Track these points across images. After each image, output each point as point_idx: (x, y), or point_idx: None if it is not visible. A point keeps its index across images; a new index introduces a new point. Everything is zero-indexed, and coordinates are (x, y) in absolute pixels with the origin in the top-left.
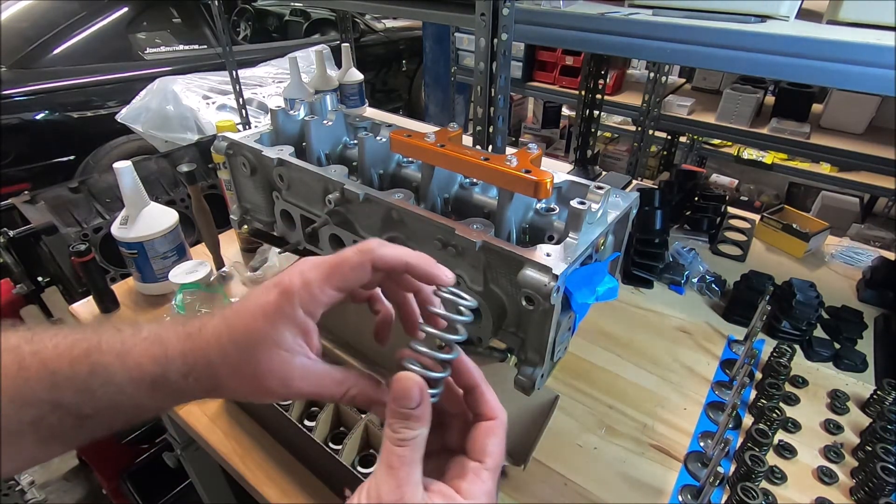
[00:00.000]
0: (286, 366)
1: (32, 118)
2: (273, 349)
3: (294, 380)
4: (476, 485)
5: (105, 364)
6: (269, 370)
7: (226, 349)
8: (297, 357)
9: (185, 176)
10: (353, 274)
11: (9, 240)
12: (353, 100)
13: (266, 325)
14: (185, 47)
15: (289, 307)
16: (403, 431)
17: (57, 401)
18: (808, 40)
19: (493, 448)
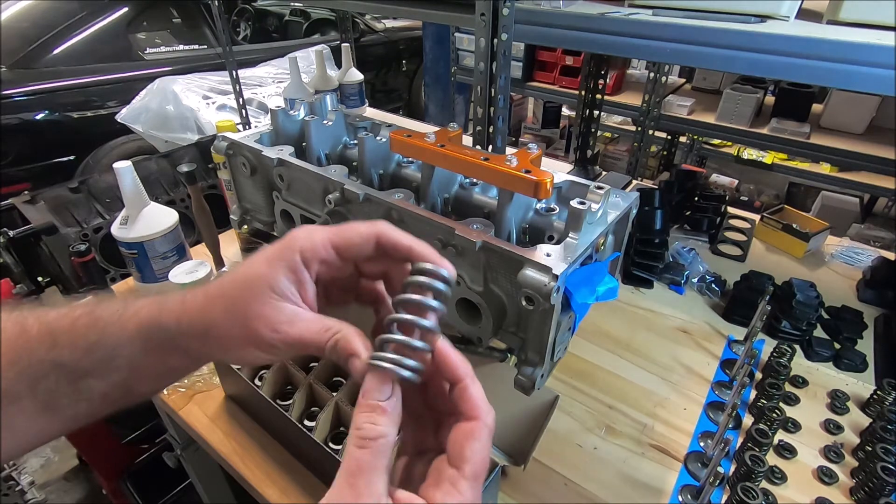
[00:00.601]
0: (276, 311)
1: (32, 118)
2: (267, 292)
3: (281, 324)
4: (451, 496)
5: (104, 318)
6: (260, 313)
7: (224, 289)
8: (287, 304)
9: (185, 176)
10: (358, 241)
11: (9, 240)
12: (353, 100)
13: (265, 267)
14: (185, 47)
15: (289, 253)
16: (367, 426)
17: (55, 360)
18: (808, 40)
19: (472, 453)
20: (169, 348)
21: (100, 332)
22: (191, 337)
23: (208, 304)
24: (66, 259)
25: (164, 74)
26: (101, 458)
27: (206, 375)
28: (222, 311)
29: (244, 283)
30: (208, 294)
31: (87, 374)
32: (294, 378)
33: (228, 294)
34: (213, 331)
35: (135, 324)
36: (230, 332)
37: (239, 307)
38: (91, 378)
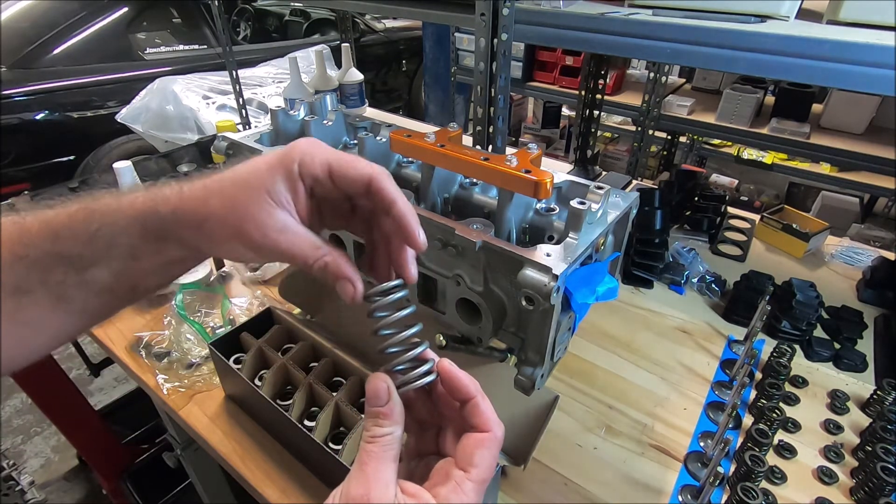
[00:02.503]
0: (268, 216)
1: (32, 118)
2: (263, 195)
3: (271, 230)
4: (455, 493)
5: (101, 209)
6: (254, 215)
7: (224, 186)
8: (280, 211)
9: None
10: (353, 175)
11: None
12: (353, 100)
13: (265, 171)
14: (185, 47)
15: (288, 161)
16: (373, 429)
17: (60, 252)
18: (808, 40)
19: (481, 460)
20: (165, 237)
21: (98, 222)
22: (186, 226)
23: (206, 198)
24: None
25: (164, 74)
26: (101, 458)
27: (206, 375)
28: (219, 206)
29: (243, 183)
30: (207, 188)
31: (92, 264)
32: (294, 378)
33: (226, 191)
34: (207, 223)
35: (132, 212)
36: (223, 227)
37: (234, 205)
38: (95, 268)
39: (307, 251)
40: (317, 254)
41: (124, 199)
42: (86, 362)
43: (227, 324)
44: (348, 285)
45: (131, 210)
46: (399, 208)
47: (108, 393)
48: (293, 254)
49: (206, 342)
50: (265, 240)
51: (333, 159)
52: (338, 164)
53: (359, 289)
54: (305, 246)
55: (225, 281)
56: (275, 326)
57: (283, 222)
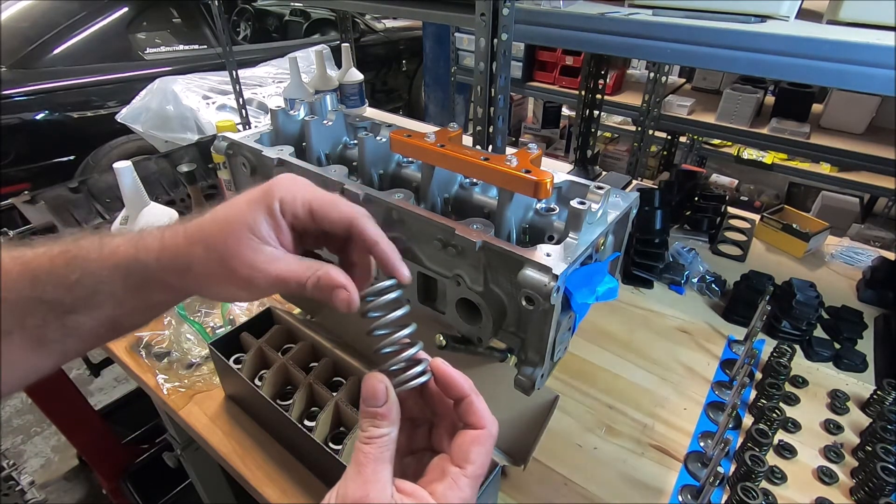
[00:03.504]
0: (254, 252)
1: (32, 118)
2: (246, 233)
3: (259, 262)
4: (452, 490)
5: (82, 256)
6: (239, 253)
7: (205, 229)
8: (266, 245)
9: (185, 176)
10: (335, 217)
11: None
12: (353, 100)
13: (246, 210)
14: (185, 47)
15: (269, 198)
16: (370, 429)
17: (39, 297)
18: (808, 40)
19: (476, 457)
20: (149, 284)
21: (79, 270)
22: (171, 273)
23: (188, 243)
24: None
25: (164, 74)
26: (101, 458)
27: (207, 375)
28: (202, 250)
29: (224, 224)
30: (188, 233)
31: (73, 311)
32: (294, 378)
33: (209, 234)
34: (193, 268)
35: (113, 262)
36: (210, 270)
37: (219, 247)
38: (76, 314)
39: (299, 271)
40: (308, 272)
41: (106, 246)
42: (86, 362)
43: (227, 324)
44: (342, 292)
45: (113, 258)
46: (381, 249)
47: (108, 393)
48: (286, 278)
49: (206, 342)
50: (256, 274)
51: (314, 199)
52: (319, 204)
53: (354, 295)
54: (296, 267)
55: None
56: (275, 326)
57: (269, 254)
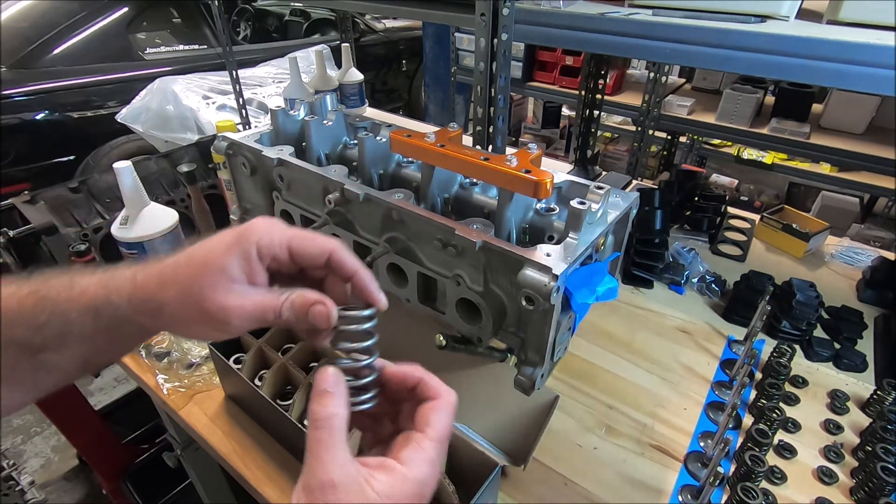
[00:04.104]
0: (227, 292)
1: (32, 118)
2: (221, 276)
3: (231, 301)
4: (416, 452)
5: (52, 297)
6: (212, 295)
7: (179, 272)
8: (238, 285)
9: (185, 176)
10: (313, 252)
11: (9, 240)
12: (353, 100)
13: (221, 252)
14: (185, 47)
15: (246, 242)
16: (318, 410)
17: (9, 337)
18: (808, 40)
19: (437, 420)
20: (121, 324)
21: (48, 311)
22: (142, 314)
23: (161, 285)
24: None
25: (164, 74)
26: (101, 458)
27: (207, 375)
28: (176, 292)
29: (199, 266)
30: (162, 275)
31: (43, 350)
32: (294, 378)
33: (182, 276)
34: (167, 309)
35: (84, 301)
36: (183, 312)
37: (193, 290)
38: (47, 353)
39: (272, 300)
40: (281, 298)
41: (76, 286)
42: None
43: None
44: (319, 306)
45: (83, 299)
46: (360, 277)
47: (108, 393)
48: (261, 309)
49: (206, 342)
50: (230, 312)
51: (293, 237)
52: (297, 241)
53: (331, 309)
54: (269, 298)
55: None
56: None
57: (241, 291)
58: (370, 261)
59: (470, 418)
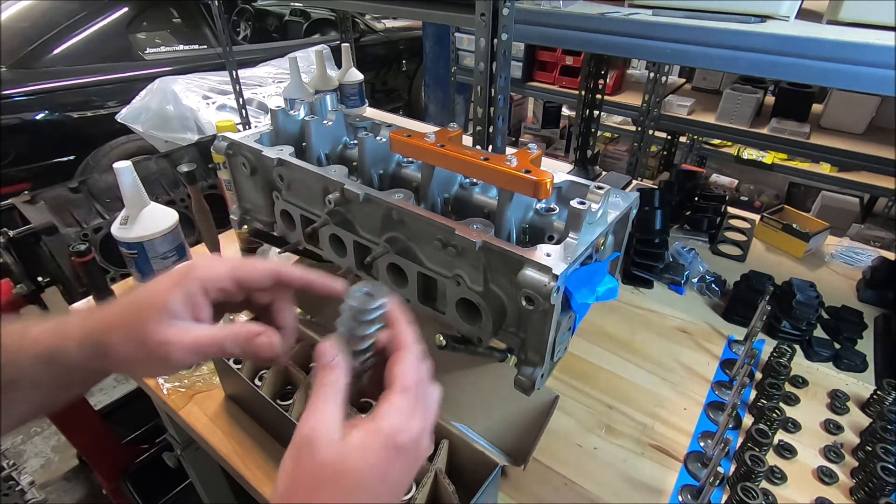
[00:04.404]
0: (167, 328)
1: (32, 118)
2: (164, 315)
3: (172, 337)
4: (385, 406)
5: (5, 345)
6: (155, 333)
7: (124, 313)
8: (179, 321)
9: (185, 176)
10: (257, 276)
11: (9, 240)
12: (353, 100)
13: (164, 292)
14: (185, 47)
15: (188, 281)
16: (321, 375)
17: None
18: (808, 40)
19: (399, 372)
20: (72, 370)
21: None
22: (92, 358)
23: (108, 329)
24: (66, 259)
25: (164, 74)
26: (101, 458)
27: (206, 375)
28: (121, 335)
29: (142, 307)
30: (109, 318)
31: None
32: (294, 378)
33: (126, 317)
34: (113, 351)
35: (36, 350)
36: (129, 351)
37: (137, 331)
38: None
39: (216, 334)
40: (223, 333)
41: (28, 335)
42: None
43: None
44: (262, 338)
45: (36, 348)
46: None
47: (108, 393)
48: (203, 343)
49: None
50: (171, 348)
51: (235, 266)
52: (241, 270)
53: (274, 339)
54: (210, 333)
55: None
56: None
57: (184, 328)
58: (370, 261)
59: (470, 418)
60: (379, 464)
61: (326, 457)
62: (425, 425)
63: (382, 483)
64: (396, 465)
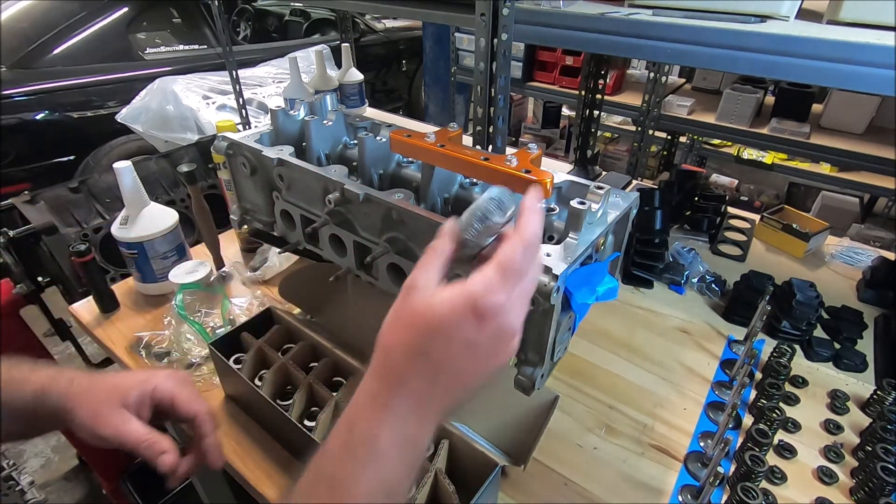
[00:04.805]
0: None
1: (32, 118)
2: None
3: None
4: (477, 274)
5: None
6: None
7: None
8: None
9: (185, 176)
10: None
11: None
12: (353, 100)
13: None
14: (185, 47)
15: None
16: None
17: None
18: (808, 40)
19: (502, 248)
20: (52, 412)
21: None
22: (65, 411)
23: (82, 396)
24: (66, 259)
25: (164, 74)
26: (101, 458)
27: (206, 375)
28: (86, 406)
29: (107, 393)
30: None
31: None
32: (294, 378)
33: (95, 395)
34: (76, 412)
35: (32, 391)
36: (84, 420)
37: (96, 407)
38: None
39: (139, 435)
40: (145, 437)
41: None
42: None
43: (227, 324)
44: (166, 457)
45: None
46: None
47: None
48: (129, 438)
49: (206, 342)
50: (109, 430)
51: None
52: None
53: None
54: (141, 433)
55: (225, 281)
56: (275, 326)
57: (125, 418)
58: (370, 260)
59: (470, 418)
60: (457, 319)
61: (418, 302)
62: (511, 304)
63: (461, 342)
64: (475, 328)
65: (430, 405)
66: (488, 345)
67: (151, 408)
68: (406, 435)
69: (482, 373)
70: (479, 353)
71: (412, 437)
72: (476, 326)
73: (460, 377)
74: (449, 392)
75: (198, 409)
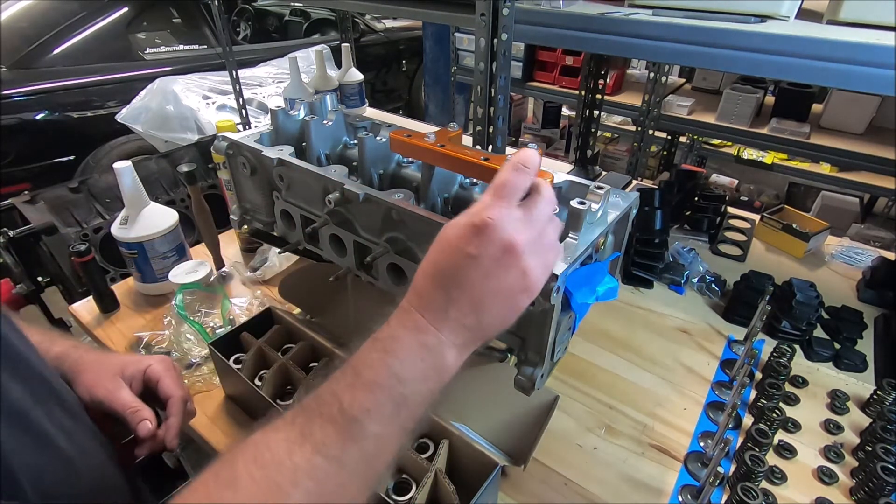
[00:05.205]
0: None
1: (32, 118)
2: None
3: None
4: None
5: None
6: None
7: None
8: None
9: (185, 176)
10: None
11: (9, 240)
12: (353, 100)
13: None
14: (185, 47)
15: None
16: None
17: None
18: (808, 40)
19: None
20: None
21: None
22: (74, 373)
23: (88, 365)
24: (66, 259)
25: (164, 74)
26: None
27: (206, 375)
28: (90, 373)
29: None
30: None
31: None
32: (294, 378)
33: (99, 365)
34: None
35: (55, 354)
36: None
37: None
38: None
39: (128, 402)
40: (132, 404)
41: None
42: None
43: (227, 324)
44: (145, 423)
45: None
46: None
47: None
48: (119, 403)
49: (206, 342)
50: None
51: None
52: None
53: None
54: (128, 400)
55: (225, 281)
56: (275, 326)
57: (119, 387)
58: (370, 260)
59: (470, 418)
60: (459, 233)
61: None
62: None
63: (464, 255)
64: (476, 242)
65: (445, 318)
66: (490, 261)
67: (142, 383)
68: (422, 342)
69: (494, 293)
70: (483, 267)
71: (427, 345)
72: (476, 241)
73: (471, 293)
74: (462, 309)
75: (174, 392)
